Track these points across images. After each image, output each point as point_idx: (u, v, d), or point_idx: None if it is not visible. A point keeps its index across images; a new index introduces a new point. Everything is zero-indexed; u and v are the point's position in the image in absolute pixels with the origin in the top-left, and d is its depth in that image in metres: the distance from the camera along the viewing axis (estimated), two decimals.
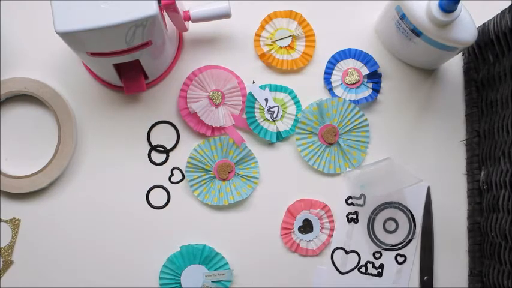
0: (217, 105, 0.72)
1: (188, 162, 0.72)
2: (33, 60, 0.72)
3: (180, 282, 0.71)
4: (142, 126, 0.73)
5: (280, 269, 0.73)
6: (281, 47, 0.74)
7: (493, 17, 0.67)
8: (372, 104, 0.75)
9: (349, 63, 0.74)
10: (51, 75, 0.72)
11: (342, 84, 0.74)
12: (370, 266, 0.73)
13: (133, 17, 0.55)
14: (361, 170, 0.73)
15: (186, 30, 0.70)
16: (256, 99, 0.73)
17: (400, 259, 0.73)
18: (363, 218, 0.73)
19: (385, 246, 0.73)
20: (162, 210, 0.73)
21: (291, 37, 0.74)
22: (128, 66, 0.66)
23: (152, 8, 0.55)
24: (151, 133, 0.73)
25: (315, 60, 0.74)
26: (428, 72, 0.76)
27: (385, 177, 0.72)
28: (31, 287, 0.71)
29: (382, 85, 0.75)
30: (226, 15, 0.68)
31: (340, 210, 0.74)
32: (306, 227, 0.73)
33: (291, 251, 0.73)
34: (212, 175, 0.72)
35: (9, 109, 0.72)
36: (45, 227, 0.71)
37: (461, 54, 0.76)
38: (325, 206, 0.73)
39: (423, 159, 0.74)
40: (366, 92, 0.74)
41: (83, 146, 0.72)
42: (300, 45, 0.74)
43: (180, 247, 0.71)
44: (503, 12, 0.65)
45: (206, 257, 0.71)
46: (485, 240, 0.71)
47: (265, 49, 0.73)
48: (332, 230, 0.73)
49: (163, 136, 0.73)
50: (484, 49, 0.71)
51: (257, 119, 0.73)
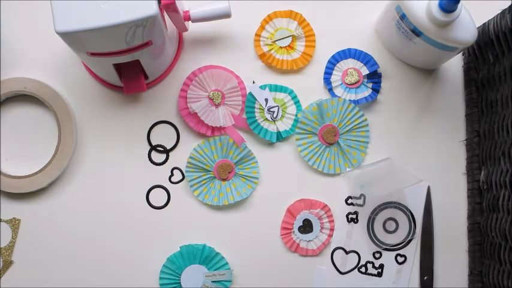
0: (217, 105, 0.72)
1: (188, 162, 0.72)
2: (33, 60, 0.72)
3: (180, 282, 0.71)
4: (142, 126, 0.73)
5: (280, 269, 0.73)
6: (281, 47, 0.74)
7: (493, 17, 0.67)
8: (372, 104, 0.75)
9: (349, 63, 0.74)
10: (51, 75, 0.72)
11: (342, 84, 0.74)
12: (370, 266, 0.73)
13: (133, 17, 0.55)
14: (361, 170, 0.73)
15: (186, 30, 0.70)
16: (256, 99, 0.73)
17: (400, 259, 0.73)
18: (363, 218, 0.73)
19: (385, 246, 0.73)
20: (162, 210, 0.73)
21: (291, 37, 0.74)
22: (128, 66, 0.66)
23: (152, 8, 0.55)
24: (151, 133, 0.73)
25: (315, 60, 0.74)
26: (428, 72, 0.76)
27: (385, 177, 0.72)
28: (31, 287, 0.71)
29: (382, 85, 0.75)
30: (226, 15, 0.68)
31: (340, 210, 0.74)
32: (306, 227, 0.73)
33: (291, 251, 0.73)
34: (212, 175, 0.72)
35: (9, 109, 0.72)
36: (45, 227, 0.71)
37: (461, 54, 0.76)
38: (325, 206, 0.73)
39: (423, 159, 0.74)
40: (365, 92, 0.74)
41: (83, 146, 0.72)
42: (300, 45, 0.74)
43: (180, 247, 0.71)
44: (503, 12, 0.65)
45: (206, 257, 0.71)
46: (485, 240, 0.71)
47: (265, 49, 0.73)
48: (332, 230, 0.73)
49: (163, 136, 0.73)
50: (484, 49, 0.71)
51: (257, 119, 0.73)
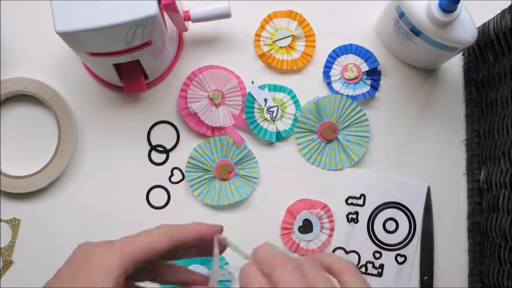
0: (217, 105, 0.72)
1: (188, 162, 0.72)
2: (33, 60, 0.72)
3: None
4: (142, 126, 0.73)
5: None
6: (281, 47, 0.74)
7: (493, 17, 0.67)
8: (370, 102, 0.75)
9: (350, 59, 0.74)
10: (51, 75, 0.72)
11: (340, 79, 0.74)
12: (370, 266, 0.73)
13: (133, 17, 0.55)
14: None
15: (186, 30, 0.70)
16: (255, 99, 0.73)
17: (400, 259, 0.73)
18: (363, 218, 0.73)
19: (385, 246, 0.73)
20: (162, 210, 0.73)
21: (291, 37, 0.73)
22: (128, 66, 0.66)
23: (152, 8, 0.55)
24: (151, 133, 0.73)
25: (315, 60, 0.74)
26: (428, 72, 0.75)
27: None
28: (31, 287, 0.71)
29: (381, 83, 0.75)
30: (226, 15, 0.68)
31: (340, 210, 0.74)
32: (306, 227, 0.73)
33: (291, 251, 0.73)
34: (212, 175, 0.72)
35: (9, 109, 0.72)
36: (45, 227, 0.71)
37: (461, 54, 0.76)
38: (325, 206, 0.73)
39: (423, 159, 0.74)
40: (364, 89, 0.74)
41: (83, 146, 0.72)
42: (300, 45, 0.74)
43: None
44: (503, 12, 0.65)
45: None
46: (485, 240, 0.71)
47: (265, 49, 0.73)
48: (332, 230, 0.73)
49: (163, 136, 0.73)
50: (484, 49, 0.71)
51: (256, 119, 0.73)
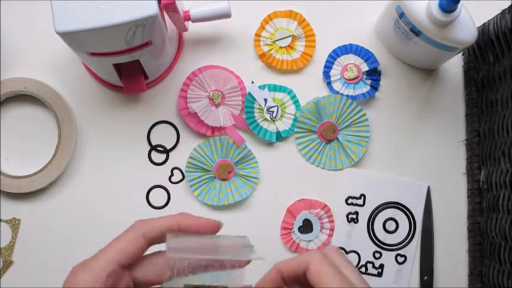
0: (217, 105, 0.72)
1: (188, 162, 0.72)
2: (33, 60, 0.72)
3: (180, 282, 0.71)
4: (142, 126, 0.73)
5: None
6: (281, 47, 0.73)
7: (493, 17, 0.67)
8: (371, 102, 0.74)
9: (350, 59, 0.74)
10: (51, 75, 0.72)
11: (340, 79, 0.74)
12: (370, 266, 0.73)
13: (133, 17, 0.54)
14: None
15: (186, 30, 0.70)
16: (255, 99, 0.73)
17: (400, 259, 0.73)
18: (363, 218, 0.73)
19: (385, 246, 0.73)
20: (162, 210, 0.72)
21: (291, 37, 0.73)
22: (128, 66, 0.66)
23: (152, 8, 0.55)
24: (151, 133, 0.73)
25: (315, 60, 0.74)
26: (428, 72, 0.75)
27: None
28: (31, 287, 0.71)
29: (381, 83, 0.75)
30: (226, 15, 0.68)
31: (340, 210, 0.74)
32: (306, 227, 0.73)
33: (291, 251, 0.73)
34: (212, 175, 0.72)
35: (9, 109, 0.72)
36: (45, 227, 0.71)
37: (461, 54, 0.76)
38: (325, 206, 0.73)
39: (423, 159, 0.74)
40: (364, 89, 0.74)
41: (83, 146, 0.72)
42: (300, 45, 0.74)
43: None
44: (503, 12, 0.65)
45: None
46: (485, 240, 0.71)
47: (265, 49, 0.73)
48: (332, 230, 0.73)
49: (163, 136, 0.73)
50: (484, 49, 0.71)
51: (256, 119, 0.73)
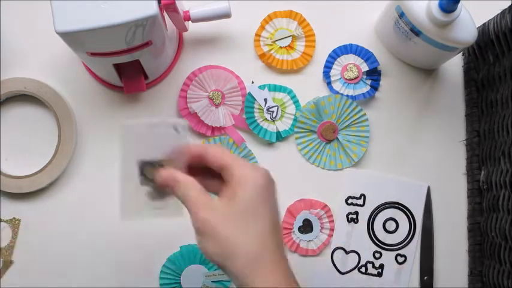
0: (217, 105, 0.72)
1: None
2: (33, 60, 0.72)
3: (180, 282, 0.71)
4: None
5: None
6: (281, 47, 0.73)
7: (493, 17, 0.67)
8: (371, 102, 0.75)
9: (350, 59, 0.74)
10: (51, 75, 0.72)
11: (340, 79, 0.74)
12: (370, 266, 0.73)
13: (133, 17, 0.54)
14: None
15: (186, 30, 0.70)
16: (255, 99, 0.73)
17: (400, 259, 0.73)
18: (363, 218, 0.73)
19: (385, 246, 0.73)
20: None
21: (291, 37, 0.73)
22: (128, 66, 0.66)
23: (152, 8, 0.55)
24: None
25: (314, 60, 0.74)
26: (428, 72, 0.75)
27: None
28: (31, 287, 0.71)
29: (381, 83, 0.75)
30: (226, 15, 0.68)
31: (340, 210, 0.73)
32: (306, 227, 0.73)
33: (291, 251, 0.73)
34: None
35: (9, 109, 0.72)
36: (45, 227, 0.71)
37: (461, 54, 0.76)
38: (325, 206, 0.73)
39: (423, 159, 0.74)
40: (364, 89, 0.74)
41: (83, 146, 0.72)
42: (300, 45, 0.74)
43: (180, 247, 0.71)
44: (503, 12, 0.65)
45: None
46: (485, 240, 0.71)
47: (265, 49, 0.73)
48: (332, 230, 0.73)
49: None
50: (484, 49, 0.71)
51: (256, 119, 0.73)
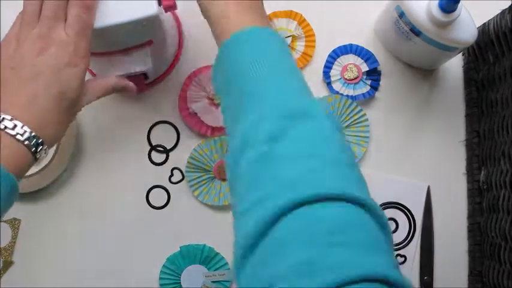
0: (217, 106, 0.72)
1: (188, 163, 0.72)
2: None
3: (180, 283, 0.71)
4: (142, 126, 0.73)
5: None
6: None
7: (493, 17, 0.67)
8: (371, 102, 0.75)
9: (350, 59, 0.74)
10: None
11: (340, 79, 0.74)
12: None
13: (133, 17, 0.54)
14: None
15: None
16: None
17: (400, 259, 0.73)
18: None
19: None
20: (162, 210, 0.73)
21: (291, 37, 0.73)
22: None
23: (152, 8, 0.55)
24: (151, 133, 0.73)
25: (314, 60, 0.74)
26: (428, 72, 0.75)
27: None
28: (31, 287, 0.71)
29: (381, 83, 0.75)
30: None
31: None
32: None
33: None
34: (212, 175, 0.72)
35: None
36: (45, 227, 0.71)
37: (461, 54, 0.76)
38: None
39: (423, 159, 0.74)
40: (364, 89, 0.74)
41: (83, 146, 0.72)
42: (300, 45, 0.74)
43: (180, 247, 0.71)
44: (503, 12, 0.65)
45: (206, 257, 0.71)
46: (485, 240, 0.70)
47: None
48: None
49: (163, 136, 0.73)
50: (484, 49, 0.71)
51: None
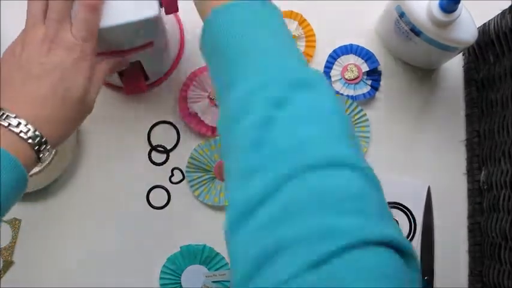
0: (217, 106, 0.72)
1: (188, 163, 0.72)
2: None
3: (180, 283, 0.71)
4: (143, 126, 0.73)
5: None
6: None
7: (494, 17, 0.67)
8: (371, 102, 0.75)
9: (350, 59, 0.74)
10: None
11: (341, 79, 0.74)
12: None
13: (134, 17, 0.54)
14: None
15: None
16: None
17: None
18: None
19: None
20: (162, 210, 0.73)
21: None
22: (129, 67, 0.65)
23: (153, 9, 0.55)
24: (151, 133, 0.73)
25: (315, 60, 0.74)
26: (429, 72, 0.76)
27: None
28: (31, 287, 0.71)
29: (382, 83, 0.75)
30: None
31: None
32: None
33: None
34: (212, 175, 0.72)
35: None
36: (45, 227, 0.71)
37: (461, 54, 0.76)
38: None
39: (423, 159, 0.74)
40: (364, 89, 0.74)
41: (83, 145, 0.72)
42: (301, 46, 0.74)
43: (180, 247, 0.71)
44: (503, 12, 0.65)
45: (206, 257, 0.71)
46: (486, 240, 0.71)
47: None
48: None
49: (163, 136, 0.73)
50: (484, 49, 0.71)
51: None
